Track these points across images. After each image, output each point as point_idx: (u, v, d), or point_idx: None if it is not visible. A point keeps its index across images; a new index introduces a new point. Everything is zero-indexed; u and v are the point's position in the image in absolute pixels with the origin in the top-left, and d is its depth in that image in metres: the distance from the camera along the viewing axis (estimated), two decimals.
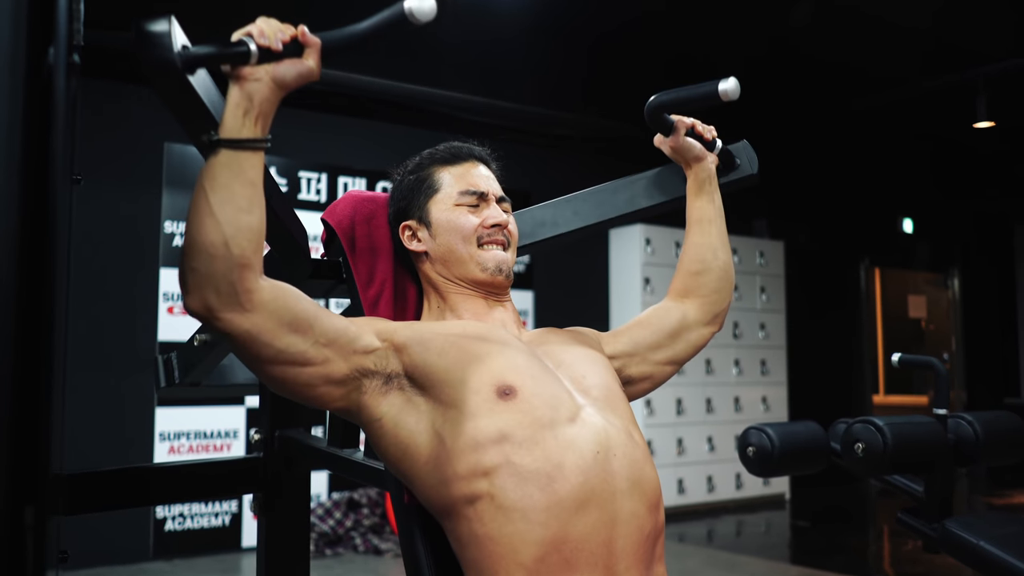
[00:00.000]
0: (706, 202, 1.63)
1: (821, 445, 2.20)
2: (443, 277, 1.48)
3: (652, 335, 1.58)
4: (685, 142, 1.60)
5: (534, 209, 1.73)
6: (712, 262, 1.63)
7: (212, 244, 1.08)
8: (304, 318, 1.19)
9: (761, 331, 6.91)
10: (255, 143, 1.10)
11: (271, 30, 1.10)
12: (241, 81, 1.09)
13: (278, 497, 1.87)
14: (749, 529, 6.12)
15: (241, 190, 1.09)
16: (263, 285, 1.14)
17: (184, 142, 4.98)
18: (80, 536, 4.26)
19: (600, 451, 1.26)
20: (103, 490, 1.70)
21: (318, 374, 1.22)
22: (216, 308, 1.10)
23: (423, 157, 1.55)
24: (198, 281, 1.09)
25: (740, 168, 1.72)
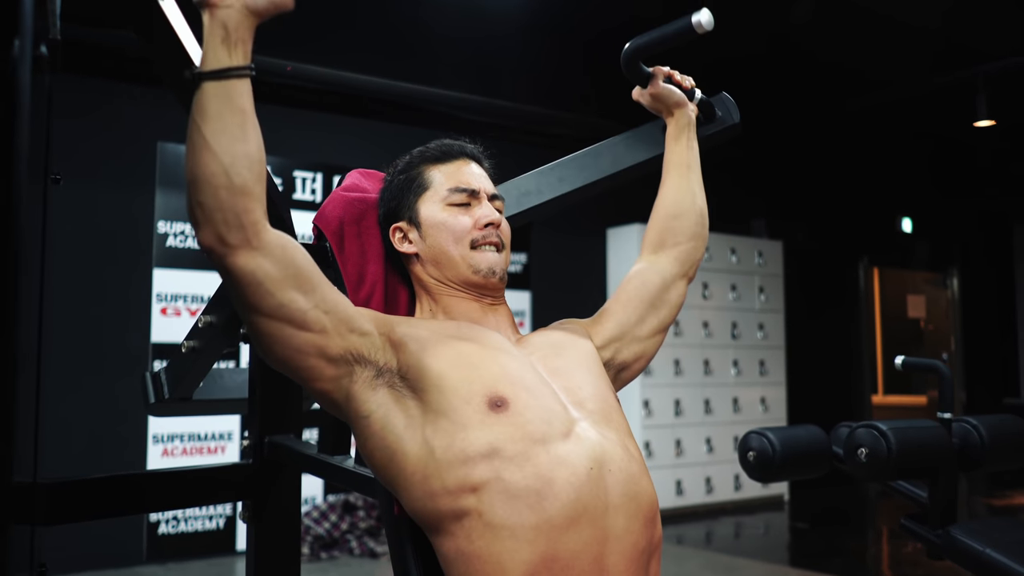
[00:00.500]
0: (685, 147, 1.62)
1: (823, 449, 2.16)
2: (435, 279, 1.44)
3: (636, 310, 1.54)
4: (664, 88, 1.59)
5: (518, 179, 1.70)
6: (691, 206, 1.60)
7: (213, 175, 1.09)
8: (308, 276, 1.18)
9: (760, 331, 6.87)
10: (238, 71, 1.10)
11: None
12: (212, 9, 1.09)
13: (267, 504, 1.82)
14: (748, 531, 6.09)
15: (233, 119, 1.10)
16: (269, 228, 1.15)
17: (177, 141, 4.94)
18: (73, 539, 4.22)
19: (594, 467, 1.22)
20: (86, 499, 1.65)
21: (313, 342, 1.19)
22: (227, 240, 1.11)
23: (413, 156, 1.50)
24: (206, 215, 1.10)
25: (721, 118, 1.70)
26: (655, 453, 6.17)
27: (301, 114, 5.31)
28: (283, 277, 1.15)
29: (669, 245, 1.59)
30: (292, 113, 5.25)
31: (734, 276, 6.79)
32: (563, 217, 6.36)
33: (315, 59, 4.99)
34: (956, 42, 5.39)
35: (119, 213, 4.81)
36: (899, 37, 5.31)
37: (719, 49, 5.37)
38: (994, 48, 5.42)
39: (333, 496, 5.19)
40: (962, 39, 5.34)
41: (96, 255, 4.69)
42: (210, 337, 1.84)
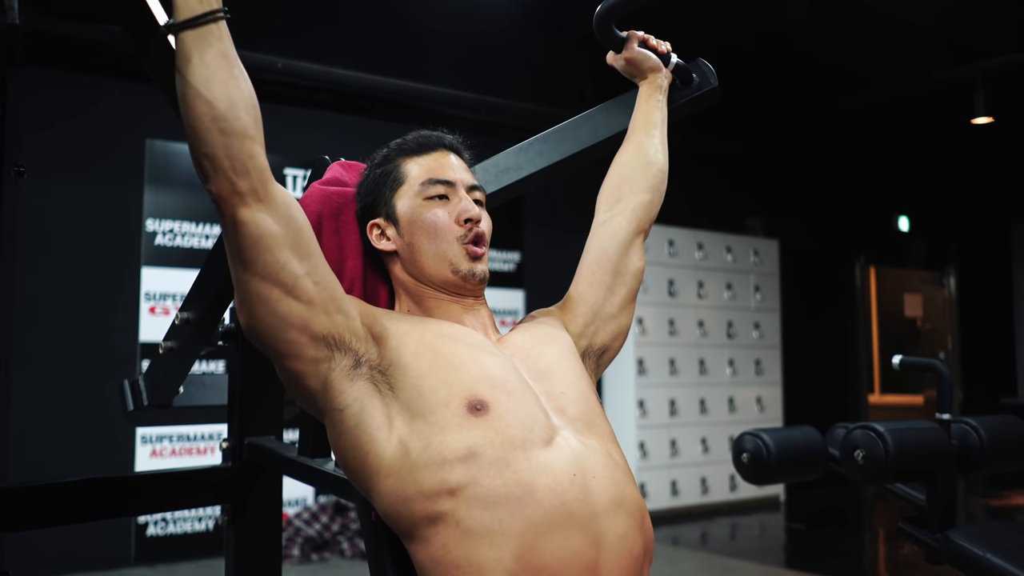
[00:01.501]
0: (653, 108, 1.61)
1: (819, 451, 2.11)
2: (414, 278, 1.38)
3: (602, 284, 1.50)
4: (639, 53, 1.59)
5: (497, 157, 1.65)
6: (651, 160, 1.58)
7: (213, 120, 1.09)
8: (307, 241, 1.18)
9: (756, 331, 6.83)
10: (212, 15, 1.11)
11: None
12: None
13: (247, 508, 1.77)
14: (743, 532, 6.05)
15: (217, 63, 1.10)
16: (275, 181, 1.16)
17: (166, 139, 4.88)
18: (61, 541, 4.17)
19: (577, 473, 1.17)
20: (60, 503, 1.60)
21: (299, 313, 1.17)
22: (238, 187, 1.12)
23: (391, 148, 1.45)
24: (215, 164, 1.11)
25: (699, 83, 1.67)
26: (650, 453, 6.12)
27: (292, 111, 5.25)
28: (284, 235, 1.15)
29: (625, 197, 1.55)
30: (283, 110, 5.20)
31: (730, 275, 6.75)
32: (557, 214, 6.32)
33: (306, 55, 4.94)
34: (952, 39, 5.35)
35: (107, 211, 4.75)
36: (896, 34, 5.27)
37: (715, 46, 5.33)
38: (992, 45, 5.38)
39: (324, 497, 5.13)
40: (960, 36, 5.30)
41: (84, 253, 4.64)
42: (188, 335, 1.79)
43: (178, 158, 4.94)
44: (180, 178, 4.92)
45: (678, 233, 6.43)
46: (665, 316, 6.32)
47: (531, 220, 6.17)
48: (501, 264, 6.01)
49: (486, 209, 1.44)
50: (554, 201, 6.32)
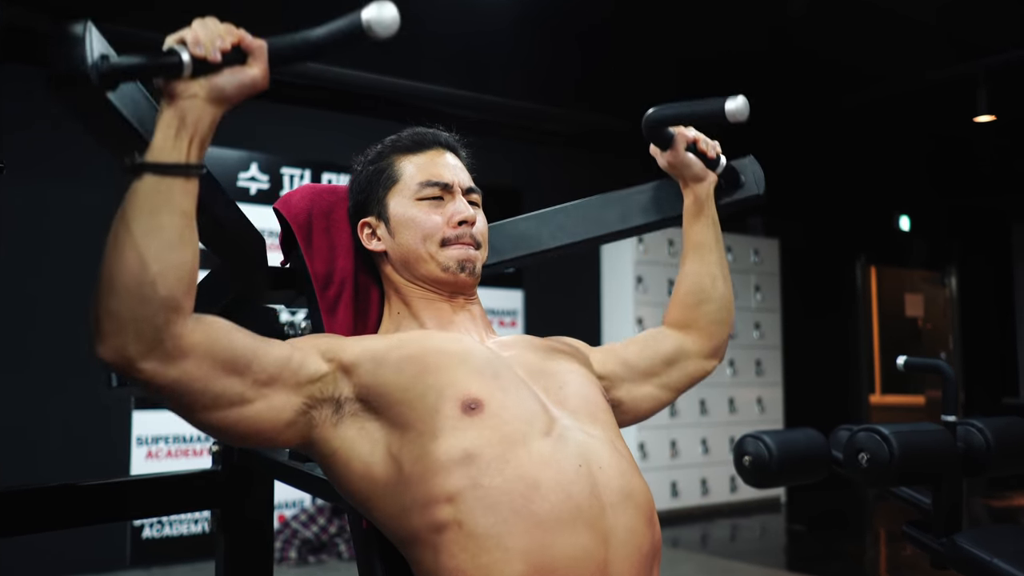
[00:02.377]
0: (705, 226, 1.50)
1: (822, 454, 2.07)
2: (404, 279, 1.35)
3: (646, 360, 1.46)
4: (685, 158, 1.45)
5: (516, 221, 1.60)
6: (711, 291, 1.50)
7: (135, 283, 0.93)
8: (242, 355, 1.05)
9: (756, 331, 6.79)
10: (186, 169, 0.96)
11: (208, 37, 0.95)
12: (173, 98, 0.95)
13: (238, 512, 1.74)
14: (744, 534, 6.01)
15: (170, 221, 0.95)
16: (192, 327, 0.99)
17: None
18: (56, 544, 4.13)
19: (582, 464, 1.12)
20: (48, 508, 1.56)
21: (262, 416, 1.08)
22: (136, 358, 0.95)
23: (384, 145, 1.41)
24: (115, 327, 0.94)
25: (744, 187, 1.57)
26: (649, 454, 6.08)
27: (289, 110, 5.22)
28: (211, 369, 1.01)
29: (691, 328, 1.52)
30: (280, 109, 5.16)
31: (731, 275, 6.67)
32: None
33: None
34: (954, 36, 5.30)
35: (103, 212, 4.70)
36: (897, 31, 5.23)
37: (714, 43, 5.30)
38: (994, 41, 5.34)
39: (321, 499, 5.09)
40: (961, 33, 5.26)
41: (81, 253, 4.60)
42: None
43: None
44: None
45: (678, 233, 6.38)
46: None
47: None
48: None
49: (482, 209, 1.40)
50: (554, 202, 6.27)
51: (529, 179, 6.14)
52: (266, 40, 1.00)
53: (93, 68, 0.85)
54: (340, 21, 0.98)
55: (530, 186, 6.11)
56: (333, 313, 1.36)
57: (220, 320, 1.05)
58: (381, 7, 0.96)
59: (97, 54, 0.87)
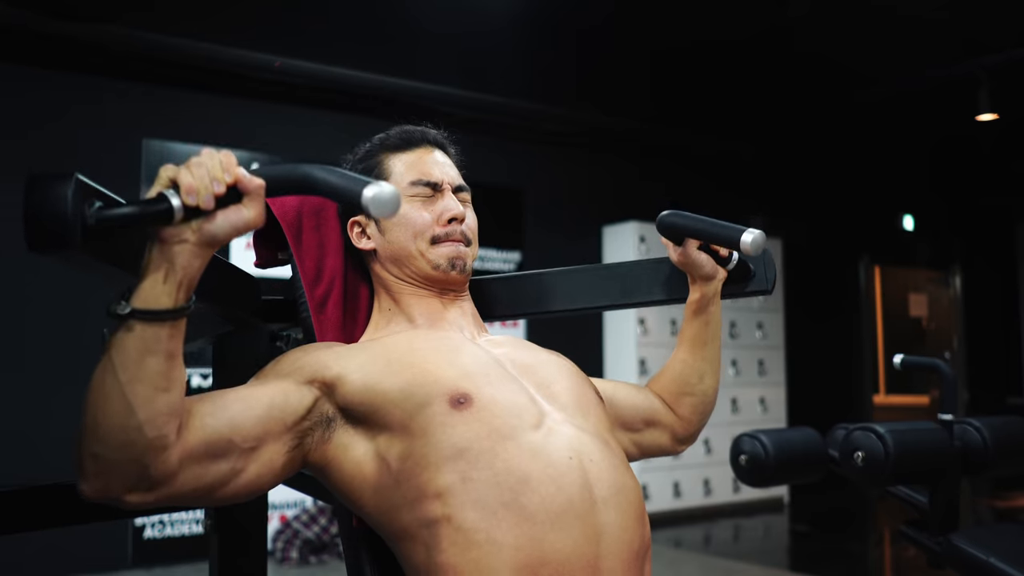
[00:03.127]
0: (703, 323, 1.49)
1: (819, 453, 2.07)
2: (394, 277, 1.35)
3: (630, 409, 1.48)
4: (697, 258, 1.43)
5: (517, 277, 1.61)
6: (696, 386, 1.52)
7: (122, 429, 0.92)
8: (220, 438, 1.03)
9: (759, 331, 6.78)
10: (174, 313, 0.93)
11: (203, 183, 0.91)
12: (163, 244, 0.91)
13: (230, 513, 1.73)
14: (747, 534, 5.99)
15: (157, 365, 0.93)
16: (179, 448, 0.97)
17: (163, 138, 4.85)
18: (57, 544, 4.14)
19: (573, 456, 1.12)
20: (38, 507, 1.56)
21: (257, 474, 1.07)
22: (121, 494, 0.95)
23: (373, 144, 1.41)
24: (100, 468, 0.93)
25: (753, 281, 1.54)
26: None
27: (290, 110, 5.23)
28: (198, 469, 1.00)
29: (673, 406, 1.54)
30: (281, 109, 5.17)
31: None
32: (557, 215, 6.27)
33: (303, 54, 4.91)
34: (958, 35, 5.29)
35: None
36: (899, 30, 5.21)
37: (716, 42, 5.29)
38: (996, 40, 5.32)
39: None
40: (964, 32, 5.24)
41: None
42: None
43: (175, 158, 4.91)
44: None
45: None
46: (667, 316, 6.27)
47: (531, 220, 6.13)
48: (501, 264, 5.97)
49: (472, 207, 1.40)
50: (555, 202, 6.28)
51: (530, 179, 6.14)
52: (263, 175, 0.95)
53: (76, 225, 0.82)
54: (345, 179, 0.93)
55: (531, 185, 6.11)
56: (322, 310, 1.36)
57: (195, 411, 1.02)
58: (381, 189, 0.90)
59: (81, 207, 0.83)
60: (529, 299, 1.58)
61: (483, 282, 1.59)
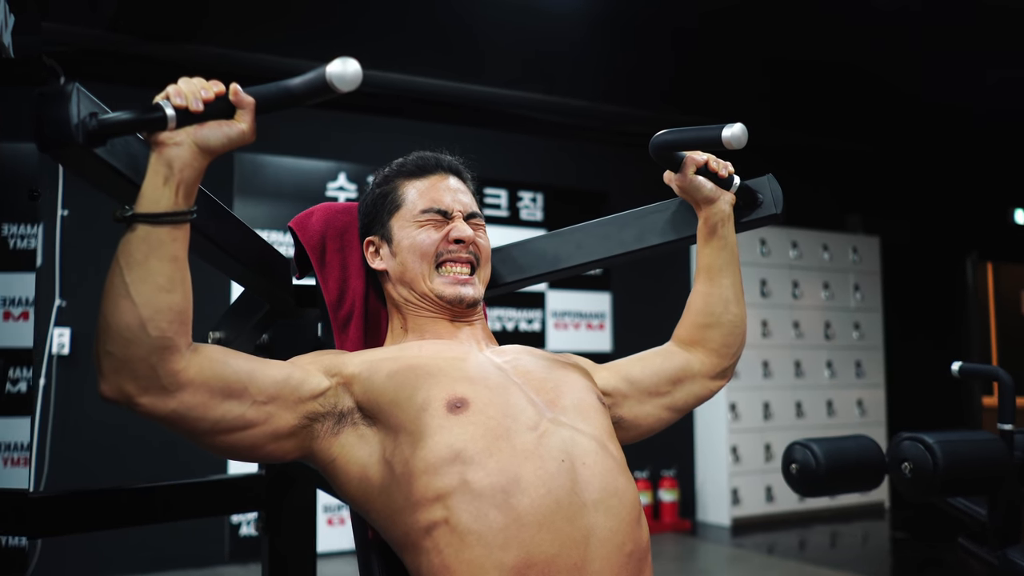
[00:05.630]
0: (716, 249, 1.48)
1: (874, 462, 2.01)
2: (404, 298, 1.39)
3: (651, 377, 1.45)
4: (693, 181, 1.43)
5: (535, 240, 1.63)
6: (722, 315, 1.49)
7: (128, 327, 0.98)
8: (237, 380, 1.10)
9: (855, 331, 6.58)
10: (174, 216, 1.00)
11: (190, 89, 1.01)
12: (159, 147, 1.00)
13: (282, 515, 1.81)
14: (845, 540, 5.82)
15: (160, 266, 0.99)
16: (189, 361, 1.05)
17: (254, 151, 5.04)
18: (155, 540, 4.35)
19: (565, 459, 1.14)
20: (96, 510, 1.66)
21: (263, 433, 1.13)
22: (134, 394, 1.02)
23: (391, 169, 1.46)
24: (113, 366, 1.00)
25: (762, 207, 1.53)
26: (743, 458, 5.97)
27: (375, 120, 5.34)
28: (209, 398, 1.07)
29: (699, 348, 1.50)
30: (366, 120, 5.30)
31: (827, 274, 6.53)
32: None
33: (384, 65, 5.02)
34: None
35: None
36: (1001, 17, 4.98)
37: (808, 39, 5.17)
38: None
39: None
40: None
41: None
42: None
43: (265, 170, 5.10)
44: (267, 189, 5.08)
45: (770, 232, 6.26)
46: (757, 317, 6.15)
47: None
48: None
49: (485, 232, 1.43)
50: (640, 201, 6.23)
51: (618, 184, 6.12)
52: (252, 93, 1.04)
53: (79, 128, 0.91)
54: (311, 73, 1.01)
55: (617, 189, 6.08)
56: (345, 331, 1.42)
57: (217, 349, 1.10)
58: (345, 63, 0.99)
59: (84, 113, 0.92)
60: (546, 258, 1.59)
61: (499, 250, 1.61)
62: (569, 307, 5.90)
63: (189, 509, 1.81)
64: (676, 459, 5.99)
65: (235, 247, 1.29)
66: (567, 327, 5.88)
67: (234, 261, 1.30)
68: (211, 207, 1.28)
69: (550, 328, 5.82)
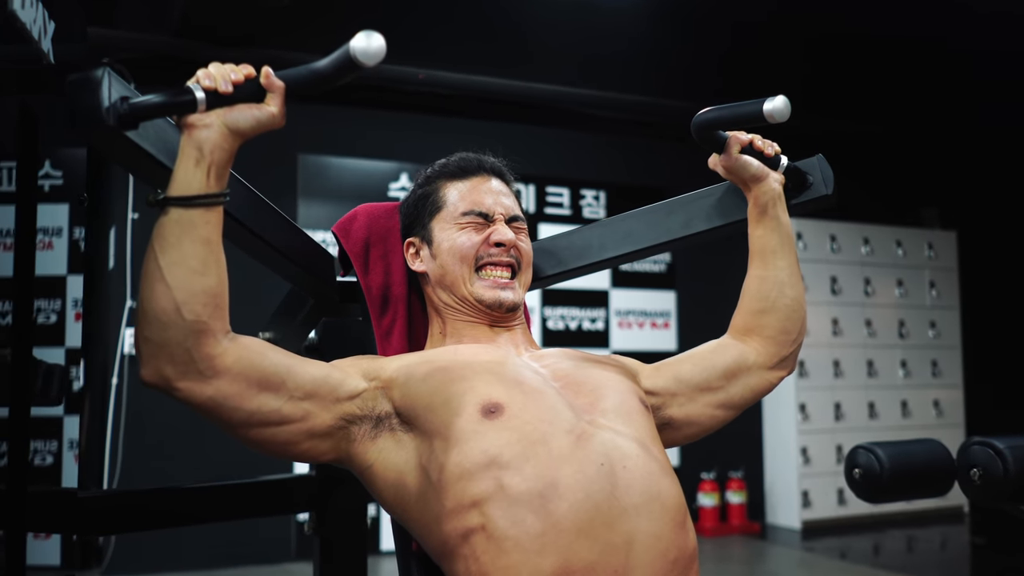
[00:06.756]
0: (769, 230, 1.42)
1: (943, 467, 1.92)
2: (443, 302, 1.37)
3: (702, 373, 1.39)
4: (739, 159, 1.38)
5: (581, 230, 1.61)
6: (778, 299, 1.42)
7: (163, 311, 0.99)
8: (275, 373, 1.10)
9: (931, 329, 6.38)
10: (207, 199, 1.01)
11: (220, 72, 1.02)
12: (190, 129, 1.00)
13: (332, 516, 1.81)
14: (921, 546, 5.64)
15: (193, 249, 1.00)
16: (226, 348, 1.05)
17: (317, 153, 5.10)
18: (222, 537, 4.44)
19: (604, 463, 1.11)
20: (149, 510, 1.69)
21: (299, 430, 1.13)
22: (172, 378, 1.03)
23: (433, 170, 1.45)
24: (151, 351, 1.01)
25: (812, 187, 1.48)
26: (812, 459, 5.83)
27: (435, 120, 5.36)
28: (246, 388, 1.07)
29: (755, 336, 1.44)
30: (426, 120, 5.32)
31: (900, 271, 6.35)
32: None
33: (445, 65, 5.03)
34: None
35: None
36: None
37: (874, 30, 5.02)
38: None
39: None
40: None
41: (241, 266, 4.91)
42: None
43: (327, 171, 5.16)
44: (330, 190, 5.15)
45: (841, 228, 6.11)
46: (828, 315, 6.01)
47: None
48: (651, 265, 5.90)
49: (527, 235, 1.41)
50: None
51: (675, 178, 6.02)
52: (282, 76, 1.04)
53: (110, 111, 0.92)
54: (336, 52, 1.01)
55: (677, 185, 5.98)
56: (388, 339, 1.42)
57: (256, 341, 1.11)
58: (368, 37, 0.98)
59: (115, 97, 0.93)
60: (592, 248, 1.56)
61: (544, 242, 1.59)
62: (633, 306, 5.84)
63: (237, 510, 1.83)
64: (744, 460, 5.88)
65: (277, 240, 1.30)
66: (631, 326, 5.82)
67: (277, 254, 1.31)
68: (253, 200, 1.28)
69: (613, 327, 5.77)
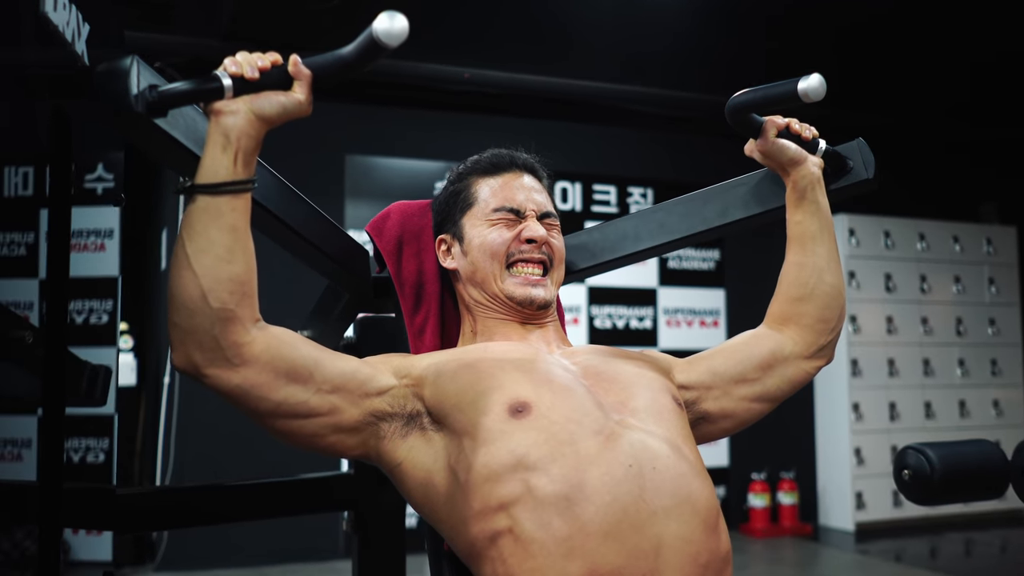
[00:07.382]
0: (808, 215, 1.38)
1: (997, 469, 1.86)
2: (474, 299, 1.36)
3: (737, 365, 1.36)
4: (776, 144, 1.34)
5: (616, 222, 1.58)
6: (816, 287, 1.38)
7: (190, 298, 1.00)
8: (303, 365, 1.10)
9: (991, 327, 6.22)
10: (234, 186, 1.01)
11: (246, 59, 1.02)
12: (216, 116, 1.01)
13: (371, 515, 1.81)
14: (980, 549, 5.50)
15: (220, 236, 1.01)
16: (254, 336, 1.06)
17: (364, 154, 5.13)
18: (271, 534, 4.49)
19: (633, 464, 1.08)
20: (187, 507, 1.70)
21: (325, 424, 1.13)
22: (201, 365, 1.04)
23: (465, 166, 1.44)
24: (180, 337, 1.02)
25: (852, 172, 1.44)
26: (867, 460, 5.72)
27: (480, 119, 5.37)
28: (273, 378, 1.07)
29: (793, 325, 1.40)
30: (470, 119, 5.33)
31: (958, 267, 6.20)
32: None
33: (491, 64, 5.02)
34: None
35: None
36: None
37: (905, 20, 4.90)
38: None
39: None
40: None
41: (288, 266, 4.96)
42: None
43: (374, 172, 5.19)
44: (377, 191, 5.18)
45: (895, 223, 5.97)
46: (882, 313, 5.88)
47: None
48: (700, 263, 5.84)
49: (559, 232, 1.39)
50: None
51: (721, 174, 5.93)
52: (308, 64, 1.05)
53: (138, 99, 0.93)
54: (362, 39, 1.01)
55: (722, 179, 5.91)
56: (420, 338, 1.41)
57: (286, 332, 1.11)
58: (392, 17, 0.99)
59: (144, 85, 0.94)
60: (627, 239, 1.54)
61: (578, 234, 1.57)
62: (681, 304, 5.78)
63: (274, 508, 1.84)
64: (795, 461, 5.79)
65: (311, 233, 1.31)
66: (679, 324, 5.76)
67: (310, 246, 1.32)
68: (287, 193, 1.28)
69: (661, 326, 5.71)
